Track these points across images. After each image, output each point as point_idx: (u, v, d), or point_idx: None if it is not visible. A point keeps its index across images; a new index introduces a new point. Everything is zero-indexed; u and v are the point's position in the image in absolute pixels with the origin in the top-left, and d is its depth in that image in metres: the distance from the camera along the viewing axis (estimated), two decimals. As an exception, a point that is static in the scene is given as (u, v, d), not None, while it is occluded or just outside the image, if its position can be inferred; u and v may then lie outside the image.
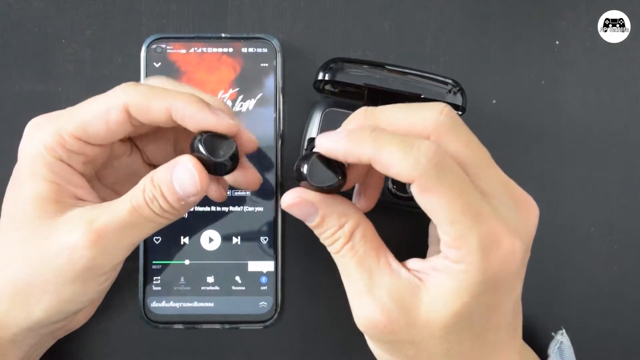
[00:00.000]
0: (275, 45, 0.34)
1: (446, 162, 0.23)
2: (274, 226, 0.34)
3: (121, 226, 0.26)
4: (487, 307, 0.24)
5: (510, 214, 0.25)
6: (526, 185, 0.35)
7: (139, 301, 0.33)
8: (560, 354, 0.31)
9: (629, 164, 0.36)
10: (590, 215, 0.35)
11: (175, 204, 0.26)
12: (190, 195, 0.26)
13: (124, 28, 0.35)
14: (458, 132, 0.25)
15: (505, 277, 0.24)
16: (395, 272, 0.25)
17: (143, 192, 0.26)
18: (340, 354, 0.34)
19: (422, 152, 0.23)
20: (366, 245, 0.26)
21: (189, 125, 0.26)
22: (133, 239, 0.27)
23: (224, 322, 0.33)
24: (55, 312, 0.27)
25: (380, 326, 0.25)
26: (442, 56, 0.35)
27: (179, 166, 0.26)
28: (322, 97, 0.35)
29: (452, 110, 0.25)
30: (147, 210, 0.26)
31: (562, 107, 0.36)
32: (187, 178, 0.26)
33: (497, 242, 0.23)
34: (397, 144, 0.23)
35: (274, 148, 0.34)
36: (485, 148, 0.26)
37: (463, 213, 0.23)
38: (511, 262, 0.24)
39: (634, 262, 0.35)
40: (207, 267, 0.33)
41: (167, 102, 0.26)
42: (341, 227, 0.26)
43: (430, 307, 0.24)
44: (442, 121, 0.24)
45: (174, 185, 0.26)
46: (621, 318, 0.35)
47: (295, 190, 0.26)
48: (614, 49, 0.36)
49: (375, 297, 0.25)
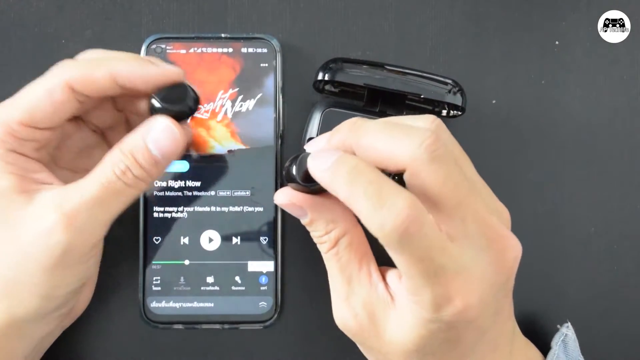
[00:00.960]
0: (275, 45, 0.34)
1: (414, 228, 0.22)
2: (274, 226, 0.34)
3: (92, 204, 0.25)
4: (446, 340, 0.25)
5: (479, 260, 0.24)
6: (526, 185, 0.36)
7: (138, 301, 0.33)
8: (565, 346, 0.31)
9: (629, 164, 0.36)
10: (590, 215, 0.35)
11: (151, 168, 0.26)
12: (169, 154, 0.26)
13: (124, 28, 0.35)
14: (435, 169, 0.23)
15: (460, 324, 0.24)
16: (374, 285, 0.26)
17: (112, 166, 0.26)
18: (340, 354, 0.34)
19: (391, 217, 0.22)
20: (350, 254, 0.26)
21: (137, 85, 0.26)
22: (107, 215, 0.26)
23: (224, 322, 0.33)
24: (48, 301, 0.27)
25: (352, 331, 0.27)
26: (442, 56, 0.35)
27: (154, 129, 0.26)
28: (322, 97, 0.35)
29: (435, 142, 0.23)
30: (119, 183, 0.26)
31: (562, 107, 0.36)
32: (165, 137, 0.26)
33: (448, 302, 0.23)
34: (370, 196, 0.22)
35: (273, 148, 0.34)
36: (469, 178, 0.25)
37: (421, 275, 0.23)
38: (463, 317, 0.24)
39: (634, 262, 0.35)
40: (207, 267, 0.33)
41: (110, 69, 0.26)
42: (327, 233, 0.27)
43: (394, 329, 0.25)
44: (419, 156, 0.23)
45: (149, 149, 0.26)
46: (621, 318, 0.35)
47: (285, 192, 0.27)
48: (614, 49, 0.36)
49: (350, 305, 0.26)
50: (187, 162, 0.34)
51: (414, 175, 0.23)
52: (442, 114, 0.34)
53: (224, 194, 0.34)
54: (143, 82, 0.26)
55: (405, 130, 0.24)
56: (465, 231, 0.24)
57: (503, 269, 0.24)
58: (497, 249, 0.24)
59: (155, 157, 0.26)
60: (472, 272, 0.24)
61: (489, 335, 0.25)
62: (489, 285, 0.24)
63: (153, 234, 0.33)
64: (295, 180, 0.26)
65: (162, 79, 0.27)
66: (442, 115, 0.34)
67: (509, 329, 0.27)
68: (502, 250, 0.24)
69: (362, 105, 0.33)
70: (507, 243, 0.25)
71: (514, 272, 0.25)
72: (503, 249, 0.24)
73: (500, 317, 0.26)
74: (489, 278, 0.24)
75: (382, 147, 0.24)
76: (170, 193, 0.33)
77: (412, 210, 0.22)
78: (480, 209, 0.24)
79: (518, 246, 0.25)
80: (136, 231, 0.34)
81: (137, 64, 0.26)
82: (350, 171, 0.23)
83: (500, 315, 0.26)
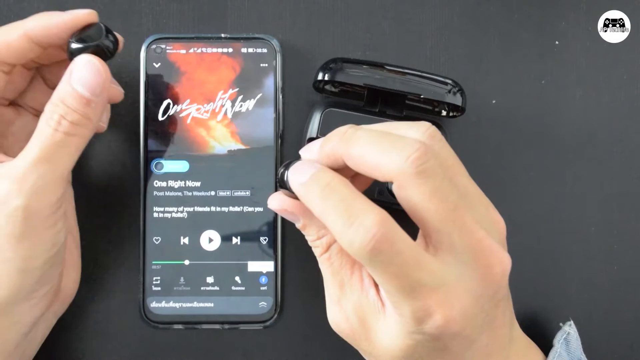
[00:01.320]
0: (275, 46, 0.34)
1: (384, 246, 0.22)
2: (274, 226, 0.34)
3: (37, 163, 0.26)
4: (433, 349, 0.25)
5: (462, 274, 0.24)
6: (526, 185, 0.36)
7: (138, 301, 0.33)
8: (567, 344, 0.31)
9: (629, 164, 0.36)
10: (590, 215, 0.35)
11: (85, 110, 0.26)
12: (96, 89, 0.26)
13: (124, 28, 0.35)
14: (421, 183, 0.23)
15: (445, 336, 0.24)
16: (365, 290, 0.26)
17: (46, 121, 0.26)
18: (340, 354, 0.34)
19: (359, 236, 0.22)
20: (342, 259, 0.27)
21: (51, 37, 0.27)
22: (57, 171, 0.26)
23: (224, 322, 0.33)
24: (26, 275, 0.27)
25: (344, 333, 0.27)
26: (442, 56, 0.35)
27: (76, 69, 0.26)
28: (322, 97, 0.35)
29: (424, 154, 0.23)
30: (57, 135, 0.26)
31: (562, 107, 0.36)
32: (88, 72, 0.26)
33: (428, 316, 0.23)
34: (339, 215, 0.23)
35: (273, 148, 0.34)
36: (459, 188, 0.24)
37: (397, 291, 0.23)
38: (445, 330, 0.23)
39: (634, 262, 0.35)
40: (207, 267, 0.33)
41: (22, 28, 0.27)
42: (319, 238, 0.27)
43: (383, 335, 0.25)
44: (405, 169, 0.23)
45: (77, 90, 0.26)
46: (621, 318, 0.35)
47: (277, 198, 0.27)
48: (614, 49, 0.36)
49: (342, 308, 0.27)
50: (187, 162, 0.34)
51: (401, 188, 0.23)
52: (442, 114, 0.34)
53: (224, 194, 0.34)
54: (56, 31, 0.27)
55: (394, 142, 0.24)
56: (451, 245, 0.23)
57: (490, 283, 0.24)
58: (483, 264, 0.24)
59: (85, 96, 0.26)
60: (454, 286, 0.23)
61: (479, 344, 0.25)
62: (474, 298, 0.24)
63: (153, 234, 0.33)
64: (286, 187, 0.26)
65: (73, 23, 0.27)
66: (442, 115, 0.34)
67: (504, 334, 0.27)
68: (489, 265, 0.24)
69: (362, 105, 0.33)
70: (495, 257, 0.24)
71: (502, 285, 0.25)
72: (490, 264, 0.24)
73: (491, 326, 0.26)
74: (474, 291, 0.24)
75: (370, 158, 0.24)
76: (170, 193, 0.33)
77: (381, 228, 0.22)
78: (468, 223, 0.24)
79: (506, 260, 0.25)
80: (136, 231, 0.34)
81: (46, 16, 0.27)
82: (324, 188, 0.24)
83: (492, 324, 0.26)
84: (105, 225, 0.34)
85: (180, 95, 0.34)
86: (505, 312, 0.27)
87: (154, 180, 0.33)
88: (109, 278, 0.34)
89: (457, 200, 0.24)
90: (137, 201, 0.34)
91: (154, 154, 0.33)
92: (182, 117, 0.33)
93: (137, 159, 0.34)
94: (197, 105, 0.34)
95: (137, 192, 0.34)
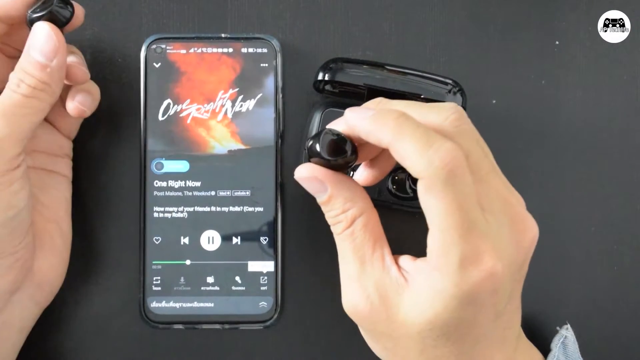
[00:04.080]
0: (275, 46, 0.34)
1: (458, 171, 0.23)
2: (274, 226, 0.34)
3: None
4: (462, 320, 0.24)
5: (502, 234, 0.24)
6: (526, 185, 0.36)
7: (138, 301, 0.33)
8: (564, 348, 0.31)
9: (629, 164, 0.36)
10: (590, 215, 0.35)
11: (41, 75, 0.27)
12: (49, 54, 0.27)
13: (124, 28, 0.35)
14: (460, 142, 0.24)
15: (481, 295, 0.24)
16: (387, 268, 0.26)
17: (8, 85, 0.27)
18: (340, 354, 0.34)
19: (439, 155, 0.23)
20: (365, 235, 0.26)
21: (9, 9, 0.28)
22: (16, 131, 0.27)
23: (224, 322, 0.33)
24: None
25: (362, 314, 0.26)
26: (442, 56, 0.35)
27: (32, 37, 0.27)
28: (322, 97, 0.35)
29: (460, 118, 0.25)
30: (15, 96, 0.27)
31: (562, 107, 0.36)
32: (41, 39, 0.27)
33: (477, 261, 0.23)
34: (418, 138, 0.23)
35: (273, 148, 0.34)
36: (489, 159, 0.26)
37: (454, 226, 0.23)
38: (487, 282, 0.24)
39: (634, 262, 0.35)
40: (207, 267, 0.33)
41: None
42: (344, 211, 0.27)
43: (408, 310, 0.25)
44: (445, 128, 0.24)
45: (32, 56, 0.27)
46: (621, 318, 0.35)
47: (307, 166, 0.27)
48: (614, 49, 0.36)
49: (362, 285, 0.26)
50: (187, 162, 0.34)
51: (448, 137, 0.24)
52: (442, 114, 0.34)
53: (224, 194, 0.34)
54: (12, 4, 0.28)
55: (432, 106, 0.26)
56: (490, 206, 0.24)
57: (522, 248, 0.25)
58: (517, 228, 0.25)
59: (40, 61, 0.27)
60: (498, 241, 0.24)
61: (499, 322, 0.26)
62: (510, 261, 0.24)
63: (153, 234, 0.33)
64: (319, 155, 0.26)
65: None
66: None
67: (517, 322, 0.27)
68: (522, 230, 0.25)
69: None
70: (527, 223, 0.25)
71: (529, 255, 0.26)
72: (523, 229, 0.25)
73: (510, 306, 0.26)
74: (509, 254, 0.24)
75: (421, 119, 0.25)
76: (170, 193, 0.33)
77: (460, 154, 0.23)
78: (501, 188, 0.25)
79: (536, 228, 0.26)
80: (136, 231, 0.34)
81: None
82: (398, 116, 0.24)
83: (511, 303, 0.26)
84: (105, 225, 0.34)
85: (180, 95, 0.34)
86: (519, 299, 0.27)
87: (154, 180, 0.33)
88: (109, 278, 0.34)
89: (490, 165, 0.25)
90: (137, 201, 0.34)
91: (154, 154, 0.34)
92: (182, 117, 0.33)
93: (137, 159, 0.34)
94: (197, 105, 0.34)
95: (137, 192, 0.34)
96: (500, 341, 0.26)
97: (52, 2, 0.28)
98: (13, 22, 0.29)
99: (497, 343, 0.26)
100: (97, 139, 0.34)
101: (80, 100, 0.30)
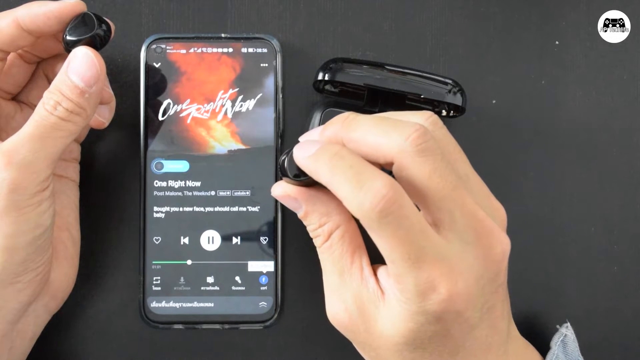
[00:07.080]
0: (275, 45, 0.34)
1: (392, 208, 0.23)
2: (274, 226, 0.34)
3: (29, 140, 0.26)
4: (435, 333, 0.25)
5: (466, 251, 0.24)
6: (526, 185, 0.36)
7: (138, 301, 0.33)
8: (564, 346, 0.31)
9: (629, 163, 0.36)
10: (590, 215, 0.35)
11: (79, 100, 0.27)
12: (90, 80, 0.27)
13: (124, 28, 0.35)
14: (421, 161, 0.24)
15: (445, 314, 0.24)
16: (365, 280, 0.26)
17: (43, 104, 0.27)
18: (340, 354, 0.34)
19: (368, 198, 0.23)
20: (343, 247, 0.27)
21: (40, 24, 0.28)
22: (47, 150, 0.27)
23: (224, 322, 0.33)
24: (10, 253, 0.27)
25: (342, 325, 0.27)
26: (442, 56, 0.35)
27: (73, 60, 0.27)
28: (322, 97, 0.35)
29: (422, 135, 0.24)
30: (52, 118, 0.27)
31: (562, 107, 0.36)
32: (83, 64, 0.27)
33: (433, 288, 0.23)
34: (350, 179, 0.23)
35: (273, 148, 0.34)
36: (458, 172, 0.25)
37: (401, 258, 0.23)
38: (448, 304, 0.24)
39: (634, 262, 0.35)
40: (207, 267, 0.33)
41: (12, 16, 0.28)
42: (321, 226, 0.27)
43: (384, 323, 0.25)
44: (405, 149, 0.24)
45: (72, 81, 0.27)
46: (621, 318, 0.35)
47: (281, 184, 0.28)
48: (614, 49, 0.36)
49: (341, 297, 0.27)
50: (187, 162, 0.34)
51: (400, 168, 0.24)
52: (442, 114, 0.34)
53: (224, 194, 0.34)
54: (44, 19, 0.27)
55: (394, 124, 0.25)
56: (452, 224, 0.24)
57: (490, 263, 0.25)
58: (484, 244, 0.25)
59: (80, 87, 0.27)
60: (457, 262, 0.24)
61: (478, 332, 0.25)
62: (475, 278, 0.24)
63: (153, 234, 0.33)
64: (287, 174, 0.27)
65: (60, 11, 0.28)
66: (442, 115, 0.34)
67: (503, 328, 0.27)
68: (489, 246, 0.25)
69: (362, 105, 0.33)
70: (496, 238, 0.25)
71: (502, 267, 0.25)
72: (491, 245, 0.25)
73: (490, 315, 0.26)
74: (475, 271, 0.24)
75: (371, 140, 0.25)
76: (170, 193, 0.33)
77: (390, 190, 0.23)
78: (468, 203, 0.24)
79: (506, 241, 0.25)
80: (136, 231, 0.34)
81: (36, 4, 0.28)
82: (332, 157, 0.24)
83: (490, 313, 0.26)
84: (105, 225, 0.34)
85: (180, 95, 0.34)
86: (504, 304, 0.27)
87: (154, 180, 0.33)
88: (109, 278, 0.34)
89: (457, 180, 0.24)
90: (137, 201, 0.34)
91: (154, 154, 0.33)
92: (182, 117, 0.33)
93: (137, 159, 0.34)
94: (197, 105, 0.34)
95: (137, 192, 0.34)
96: (484, 349, 0.26)
97: (93, 24, 0.28)
98: (42, 36, 0.29)
99: (481, 351, 0.26)
100: (97, 139, 0.34)
101: (100, 113, 0.31)
